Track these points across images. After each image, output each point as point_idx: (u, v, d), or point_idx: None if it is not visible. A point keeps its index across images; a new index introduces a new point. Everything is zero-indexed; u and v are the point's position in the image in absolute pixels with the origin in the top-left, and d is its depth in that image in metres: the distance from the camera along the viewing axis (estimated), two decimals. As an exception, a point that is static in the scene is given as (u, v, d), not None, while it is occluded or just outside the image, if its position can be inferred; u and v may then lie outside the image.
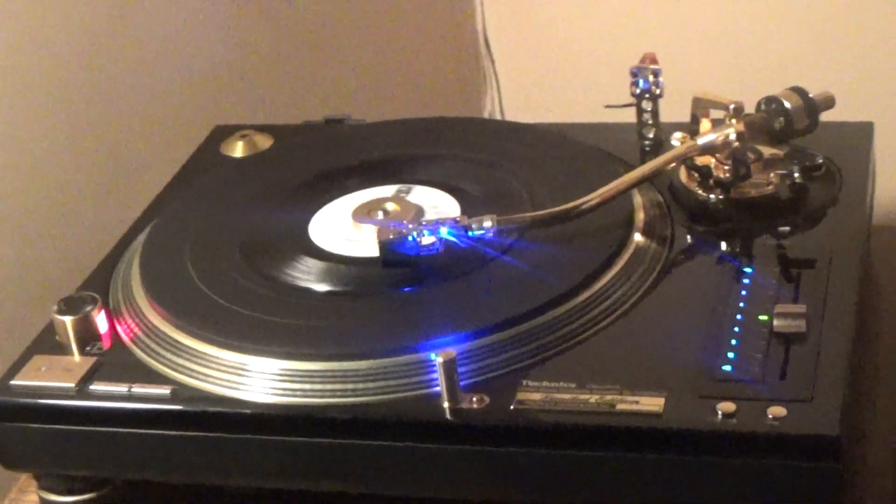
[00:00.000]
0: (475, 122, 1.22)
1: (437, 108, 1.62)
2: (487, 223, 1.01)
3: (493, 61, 1.65)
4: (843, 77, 1.45)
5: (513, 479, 0.91)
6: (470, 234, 1.01)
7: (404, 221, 1.04)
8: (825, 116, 1.13)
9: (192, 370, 0.97)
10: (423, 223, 1.02)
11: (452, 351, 0.91)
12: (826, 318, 0.94)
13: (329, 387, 0.94)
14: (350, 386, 0.94)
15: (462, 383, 0.92)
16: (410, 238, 1.01)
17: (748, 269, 1.00)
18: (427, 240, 1.01)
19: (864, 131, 1.16)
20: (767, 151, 1.11)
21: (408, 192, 1.12)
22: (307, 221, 1.10)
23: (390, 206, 1.09)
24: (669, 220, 1.07)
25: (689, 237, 1.06)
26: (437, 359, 0.90)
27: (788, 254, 1.02)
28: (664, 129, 1.18)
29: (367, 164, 1.16)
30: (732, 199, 1.07)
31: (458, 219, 1.02)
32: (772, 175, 1.08)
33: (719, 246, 1.04)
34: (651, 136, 1.18)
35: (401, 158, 1.16)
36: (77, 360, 1.01)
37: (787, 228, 1.05)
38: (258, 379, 0.95)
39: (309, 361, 0.95)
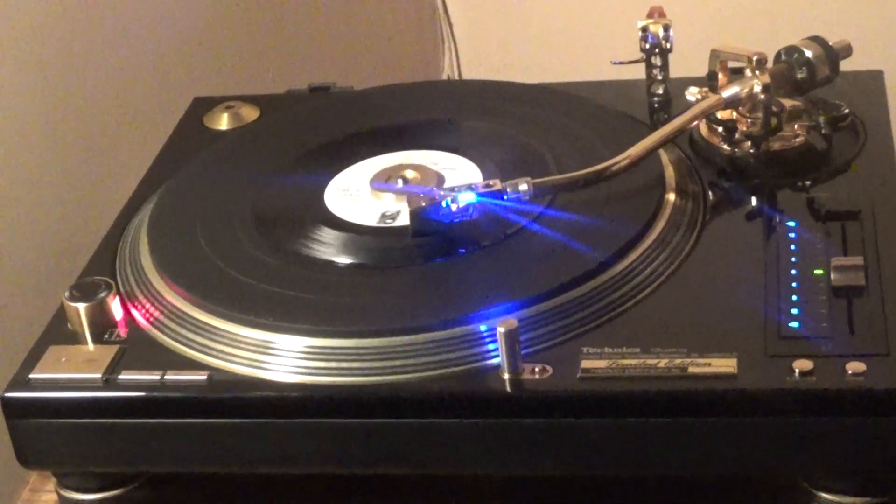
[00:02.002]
0: (481, 85, 1.17)
1: (397, 70, 1.58)
2: (524, 186, 0.97)
3: (451, 24, 1.61)
4: (847, 26, 1.42)
5: (582, 451, 0.87)
6: (505, 198, 0.97)
7: (433, 187, 0.99)
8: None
9: (224, 353, 0.92)
10: (456, 188, 0.97)
11: (514, 320, 0.87)
12: (882, 269, 0.92)
13: (375, 364, 0.90)
14: (399, 363, 0.89)
15: (523, 352, 0.88)
16: (444, 204, 0.96)
17: (792, 223, 0.98)
18: (463, 201, 0.96)
19: (875, 80, 1.14)
20: (788, 103, 1.08)
21: (430, 158, 1.07)
22: (321, 191, 1.05)
23: (410, 174, 1.04)
24: (698, 178, 1.04)
25: (723, 194, 1.03)
26: (500, 328, 0.86)
27: (828, 207, 0.99)
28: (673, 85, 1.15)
29: (376, 130, 1.11)
30: (768, 151, 1.04)
31: (491, 182, 0.97)
32: (797, 127, 1.06)
33: (755, 201, 1.02)
34: (661, 92, 1.15)
35: (411, 124, 1.12)
36: (93, 349, 0.95)
37: (817, 182, 1.02)
38: (290, 358, 0.90)
39: (349, 338, 0.90)
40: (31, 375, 0.93)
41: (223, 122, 1.20)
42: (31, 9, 1.20)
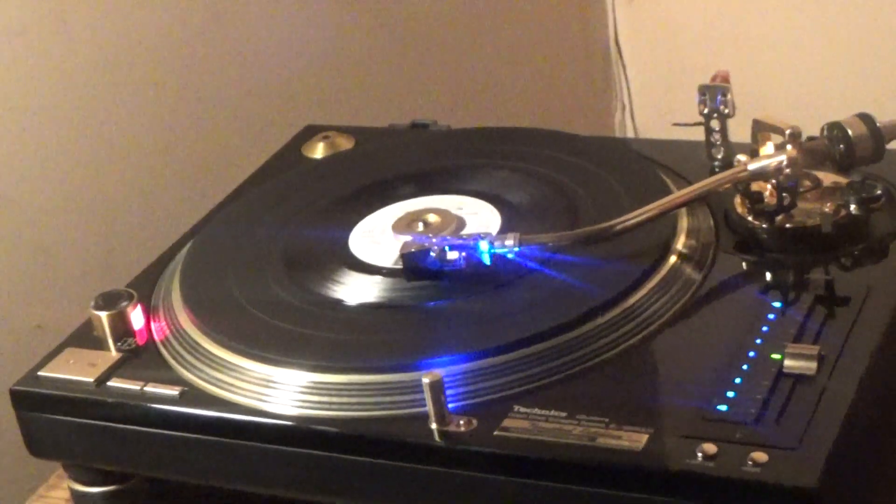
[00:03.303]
0: (536, 133, 1.19)
1: (563, 115, 1.60)
2: (509, 241, 0.99)
3: (623, 66, 1.62)
4: None
5: (494, 506, 0.89)
6: (491, 251, 1.00)
7: (429, 236, 1.03)
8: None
9: (202, 372, 0.98)
10: (447, 238, 1.01)
11: (438, 373, 0.90)
12: (840, 361, 0.90)
13: (331, 400, 0.94)
14: (346, 400, 0.94)
15: (460, 404, 0.91)
16: (431, 253, 1.00)
17: (777, 304, 0.96)
18: (451, 255, 1.00)
19: (945, 161, 1.10)
20: (829, 179, 1.06)
21: (461, 204, 1.11)
22: (350, 231, 1.10)
23: (432, 218, 1.08)
24: (713, 248, 1.03)
25: (730, 266, 1.02)
26: (424, 380, 0.89)
27: (825, 289, 0.97)
28: (737, 151, 1.13)
29: (419, 173, 1.15)
30: (781, 228, 1.03)
31: (481, 235, 1.00)
32: (826, 205, 1.03)
33: (757, 277, 1.01)
34: (720, 157, 1.14)
35: (455, 168, 1.15)
36: (108, 355, 1.03)
37: (835, 262, 1.00)
38: (257, 386, 0.96)
39: (303, 371, 0.95)
40: (39, 373, 1.02)
41: (318, 151, 1.27)
42: (165, 32, 1.30)
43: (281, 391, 0.95)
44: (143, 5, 1.28)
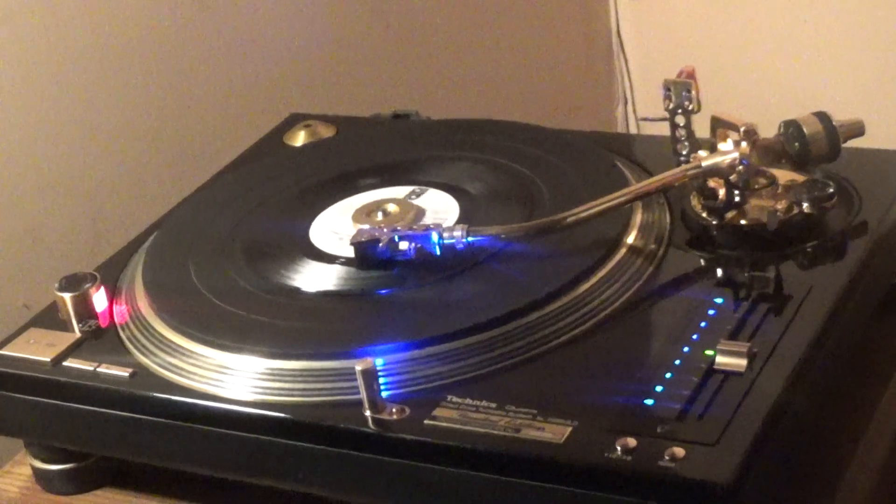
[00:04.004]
0: (506, 125, 1.20)
1: (564, 106, 1.60)
2: (458, 232, 1.01)
3: (625, 59, 1.62)
4: None
5: (424, 494, 0.91)
6: (440, 242, 1.01)
7: (381, 227, 1.04)
8: (870, 143, 1.08)
9: (154, 355, 1.00)
10: (397, 229, 1.02)
11: (371, 360, 0.91)
12: (772, 359, 0.90)
13: (269, 385, 0.96)
14: (290, 386, 0.95)
15: (398, 392, 0.93)
16: (382, 243, 1.01)
17: (719, 300, 0.97)
18: (402, 245, 1.02)
19: (903, 161, 1.10)
20: (786, 177, 1.06)
21: (420, 194, 1.12)
22: (311, 221, 1.11)
23: (391, 208, 1.09)
24: (665, 244, 1.04)
25: (679, 263, 1.02)
26: (357, 367, 0.91)
27: (767, 286, 0.97)
28: (703, 147, 1.14)
29: (383, 164, 1.17)
30: (732, 225, 1.03)
31: (430, 225, 1.01)
32: (780, 203, 1.04)
33: (703, 274, 1.01)
34: (685, 153, 1.14)
35: (417, 159, 1.16)
36: (68, 335, 1.05)
37: (782, 259, 1.00)
38: (207, 370, 0.97)
39: (249, 356, 0.97)
40: (0, 352, 1.05)
41: (299, 140, 1.28)
42: (150, 21, 1.32)
43: (228, 376, 0.97)
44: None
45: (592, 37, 1.62)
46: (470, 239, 1.01)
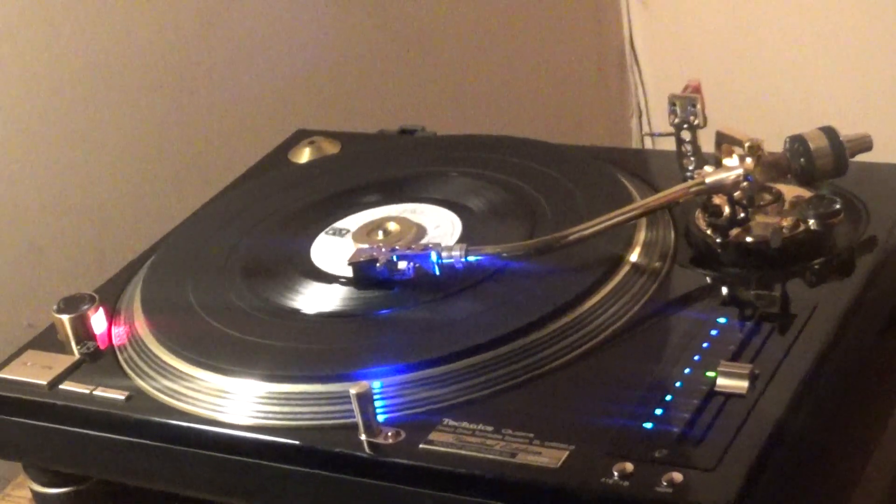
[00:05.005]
0: (509, 141, 1.19)
1: (579, 119, 1.59)
2: (456, 252, 0.99)
3: (639, 71, 1.61)
4: None
5: (420, 519, 0.89)
6: (439, 261, 0.99)
7: (380, 246, 1.03)
8: (881, 158, 1.06)
9: (151, 378, 0.99)
10: (395, 248, 1.01)
11: (366, 384, 0.90)
12: (774, 380, 0.88)
13: (265, 409, 0.95)
14: (285, 410, 0.94)
15: (394, 415, 0.91)
16: (379, 263, 1.00)
17: (722, 320, 0.95)
18: (401, 265, 1.00)
19: (918, 177, 1.07)
20: (792, 193, 1.04)
21: (414, 211, 1.11)
22: (312, 240, 1.10)
23: (392, 226, 1.08)
24: (669, 262, 1.02)
25: (682, 281, 1.01)
26: (352, 391, 0.89)
27: (771, 306, 0.96)
28: (708, 161, 1.12)
29: (385, 181, 1.15)
30: (736, 242, 1.01)
31: (430, 245, 1.00)
32: (785, 220, 1.02)
33: (706, 293, 0.99)
34: (691, 168, 1.13)
35: (420, 176, 1.15)
36: (65, 358, 1.04)
37: (788, 278, 0.99)
38: (202, 393, 0.96)
39: (245, 379, 0.96)
40: (-1, 375, 1.04)
41: (304, 156, 1.27)
42: (158, 34, 1.32)
43: (224, 400, 0.96)
44: (134, 8, 1.30)
45: (605, 49, 1.61)
46: (469, 258, 0.99)
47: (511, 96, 1.59)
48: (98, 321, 1.06)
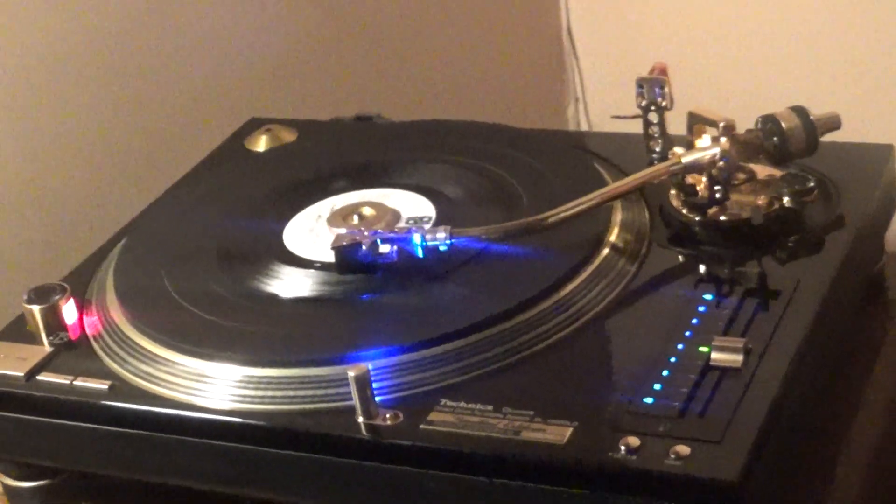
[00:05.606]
0: (475, 126, 1.19)
1: (516, 106, 1.59)
2: (441, 234, 0.99)
3: (577, 58, 1.62)
4: (878, 97, 1.38)
5: (420, 500, 0.89)
6: (423, 244, 0.99)
7: (361, 229, 1.02)
8: (846, 137, 1.08)
9: (131, 365, 0.98)
10: (378, 231, 1.00)
11: (364, 366, 0.89)
12: (767, 354, 0.90)
13: (257, 393, 0.94)
14: (276, 394, 0.93)
15: (389, 397, 0.91)
16: (363, 246, 1.00)
17: (708, 296, 0.96)
18: (383, 248, 1.00)
19: (882, 154, 1.10)
20: (764, 172, 1.06)
21: (387, 197, 1.10)
22: (284, 225, 1.09)
23: (367, 211, 1.08)
24: (647, 242, 1.03)
25: (662, 260, 1.02)
26: (350, 373, 0.89)
27: (755, 282, 0.97)
28: (675, 143, 1.13)
29: (356, 166, 1.15)
30: (714, 221, 1.02)
31: (412, 227, 1.00)
32: (760, 198, 1.03)
33: (689, 270, 1.00)
34: (658, 150, 1.14)
35: (391, 161, 1.15)
36: (39, 349, 1.02)
37: (767, 254, 1.00)
38: (186, 380, 0.95)
39: (235, 365, 0.95)
40: (-30, 367, 1.02)
41: (261, 145, 1.26)
42: (106, 25, 1.29)
43: (210, 385, 0.94)
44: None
45: (542, 35, 1.61)
46: (454, 240, 0.99)
47: (452, 82, 1.60)
48: (69, 311, 1.04)
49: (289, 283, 1.02)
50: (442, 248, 0.99)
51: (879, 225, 1.08)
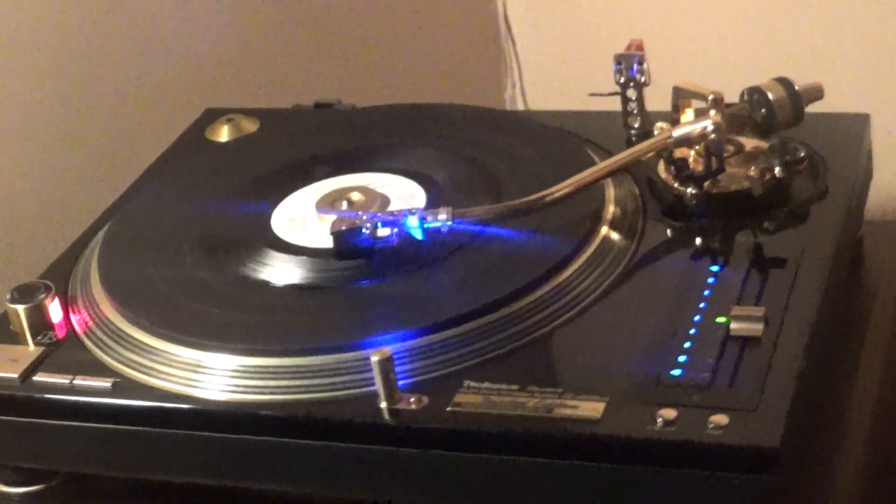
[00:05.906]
0: (455, 109, 1.18)
1: (454, 91, 1.58)
2: (442, 215, 0.98)
3: (514, 43, 1.61)
4: (847, 68, 1.39)
5: (447, 484, 0.88)
6: (424, 226, 0.98)
7: (359, 212, 1.01)
8: (822, 107, 1.08)
9: (134, 362, 0.95)
10: (377, 214, 0.99)
11: (388, 350, 0.88)
12: (785, 322, 0.90)
13: (270, 383, 0.92)
14: (291, 383, 0.91)
15: (407, 381, 0.90)
16: (364, 230, 0.98)
17: (715, 268, 0.96)
18: (382, 232, 0.98)
19: (859, 123, 1.11)
20: (750, 144, 1.06)
21: (372, 182, 1.09)
22: (271, 212, 1.07)
23: (355, 196, 1.06)
24: (642, 216, 1.03)
25: (660, 233, 1.02)
26: (373, 357, 0.87)
27: (759, 252, 0.97)
28: (654, 119, 1.13)
29: (337, 152, 1.13)
30: (708, 193, 1.03)
31: (412, 210, 0.99)
32: (751, 169, 1.04)
33: (689, 243, 1.00)
34: (636, 126, 1.14)
35: (373, 146, 1.13)
36: (28, 349, 0.99)
37: (765, 224, 1.01)
38: (191, 372, 0.93)
39: (245, 356, 0.93)
40: (-44, 370, 0.98)
41: (223, 135, 1.24)
42: (57, 18, 1.26)
43: (216, 376, 0.92)
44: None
45: (479, 19, 1.61)
46: (454, 222, 0.98)
47: (389, 67, 1.58)
48: (55, 309, 1.01)
49: (284, 271, 1.00)
50: (444, 229, 0.98)
51: (862, 193, 1.09)
